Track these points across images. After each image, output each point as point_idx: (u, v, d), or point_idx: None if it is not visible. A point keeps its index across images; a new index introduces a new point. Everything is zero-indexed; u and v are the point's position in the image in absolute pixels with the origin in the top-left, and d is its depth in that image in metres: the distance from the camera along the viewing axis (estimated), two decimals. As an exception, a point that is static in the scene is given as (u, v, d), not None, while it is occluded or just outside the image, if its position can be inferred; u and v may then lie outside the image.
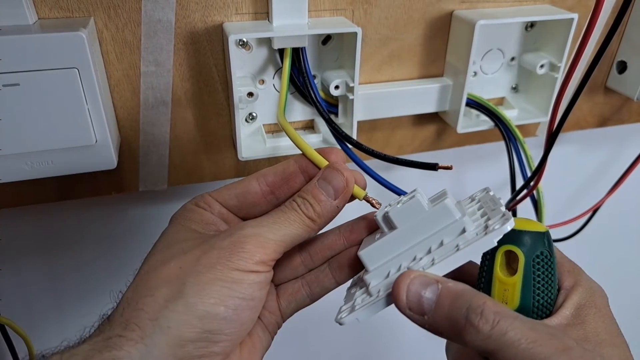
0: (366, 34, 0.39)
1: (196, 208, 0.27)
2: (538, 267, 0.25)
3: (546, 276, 0.25)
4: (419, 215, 0.26)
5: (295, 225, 0.25)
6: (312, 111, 0.42)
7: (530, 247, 0.25)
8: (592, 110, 0.52)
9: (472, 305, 0.22)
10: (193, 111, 0.39)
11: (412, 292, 0.23)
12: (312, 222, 0.26)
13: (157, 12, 0.34)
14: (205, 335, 0.22)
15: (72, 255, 0.46)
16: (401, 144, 0.47)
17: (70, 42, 0.30)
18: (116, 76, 0.36)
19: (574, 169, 0.62)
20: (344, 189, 0.26)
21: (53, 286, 0.47)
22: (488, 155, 0.55)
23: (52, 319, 0.48)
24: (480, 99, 0.44)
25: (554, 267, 0.26)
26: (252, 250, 0.23)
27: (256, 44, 0.37)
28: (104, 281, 0.46)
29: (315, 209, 0.26)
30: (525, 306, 0.25)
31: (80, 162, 0.34)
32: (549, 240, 0.26)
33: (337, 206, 0.26)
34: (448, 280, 0.24)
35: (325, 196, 0.26)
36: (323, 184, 0.26)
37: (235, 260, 0.23)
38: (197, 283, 0.22)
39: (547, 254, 0.25)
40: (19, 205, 0.39)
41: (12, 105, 0.31)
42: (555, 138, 0.39)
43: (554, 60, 0.43)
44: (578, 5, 0.44)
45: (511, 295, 0.25)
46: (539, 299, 0.25)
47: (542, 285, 0.25)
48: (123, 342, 0.21)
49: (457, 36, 0.41)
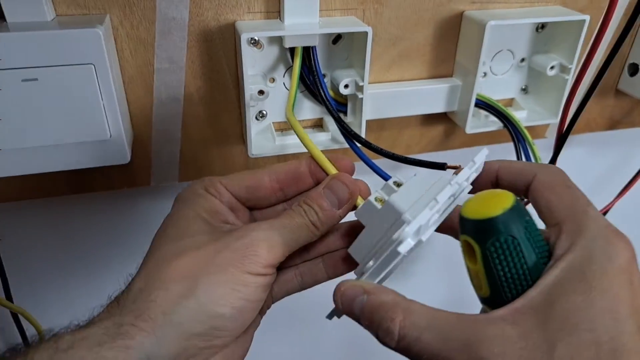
0: (376, 33, 0.40)
1: (205, 194, 0.28)
2: (495, 254, 0.23)
3: (510, 261, 0.23)
4: (375, 213, 0.27)
5: (301, 231, 0.27)
6: (321, 110, 0.42)
7: (482, 235, 0.23)
8: (602, 112, 0.51)
9: (383, 321, 0.23)
10: (204, 108, 0.39)
11: (344, 303, 0.25)
12: (315, 229, 0.27)
13: (171, 10, 0.35)
14: (211, 331, 0.24)
15: (84, 247, 0.47)
16: (409, 143, 0.47)
17: (87, 38, 0.31)
18: (130, 73, 0.36)
19: (583, 171, 0.61)
20: (347, 200, 0.28)
21: (64, 278, 0.48)
22: (496, 157, 0.54)
23: (63, 309, 0.49)
24: (490, 99, 0.44)
25: (520, 249, 0.23)
26: (263, 254, 0.25)
27: (267, 42, 0.38)
28: (114, 274, 0.47)
29: (320, 216, 0.27)
30: (496, 293, 0.23)
31: (94, 156, 0.35)
32: (512, 219, 0.23)
33: (339, 215, 0.28)
34: (377, 289, 0.24)
35: (329, 205, 0.27)
36: (328, 194, 0.27)
37: (247, 264, 0.24)
38: (209, 283, 0.24)
39: (505, 239, 0.23)
40: (34, 198, 0.40)
41: (30, 100, 0.32)
42: (565, 140, 0.39)
43: (565, 62, 0.43)
44: (590, 7, 0.44)
45: (481, 283, 0.24)
46: (506, 285, 0.23)
47: (508, 271, 0.23)
48: (135, 331, 0.22)
49: (468, 37, 0.41)
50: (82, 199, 0.43)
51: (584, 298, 0.20)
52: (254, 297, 0.25)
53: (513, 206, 0.23)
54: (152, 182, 0.41)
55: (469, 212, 0.24)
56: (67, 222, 0.46)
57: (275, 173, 0.29)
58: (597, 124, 0.52)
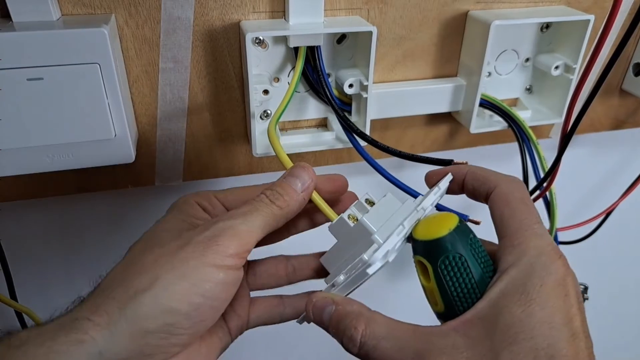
0: (381, 33, 0.40)
1: (197, 206, 0.29)
2: (446, 271, 0.25)
3: (459, 276, 0.25)
4: (347, 230, 0.28)
5: (265, 215, 0.26)
6: (326, 109, 0.42)
7: (433, 255, 0.25)
8: (606, 112, 0.51)
9: (347, 329, 0.25)
10: (209, 108, 0.39)
11: (315, 312, 0.26)
12: (280, 210, 0.27)
13: (176, 9, 0.35)
14: (166, 328, 0.23)
15: (89, 246, 0.47)
16: (413, 143, 0.47)
17: (92, 38, 0.31)
18: (135, 72, 0.36)
19: (587, 171, 0.61)
20: (308, 183, 0.28)
21: (69, 276, 0.48)
22: (500, 156, 0.55)
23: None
24: (494, 99, 0.44)
25: (467, 265, 0.25)
26: (225, 243, 0.24)
27: (272, 42, 0.38)
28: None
29: (284, 197, 0.27)
30: (449, 307, 0.25)
31: (99, 155, 0.35)
32: (458, 238, 0.25)
33: (303, 198, 0.28)
34: (345, 300, 0.26)
35: (292, 188, 0.28)
36: (290, 179, 0.28)
37: (210, 255, 0.24)
38: (168, 278, 0.23)
39: (453, 256, 0.25)
40: (39, 197, 0.40)
41: (36, 99, 0.32)
42: (569, 139, 0.39)
43: (569, 62, 0.43)
44: (594, 7, 0.44)
45: (435, 299, 0.26)
46: (457, 300, 0.25)
47: (458, 286, 0.25)
48: (90, 325, 0.22)
49: (472, 36, 0.41)
50: (86, 198, 0.43)
51: (524, 309, 0.22)
52: (213, 295, 0.24)
53: (457, 226, 0.25)
54: (156, 181, 0.41)
55: (420, 234, 0.26)
56: (71, 221, 0.46)
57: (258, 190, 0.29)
58: (602, 124, 0.52)
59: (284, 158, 0.30)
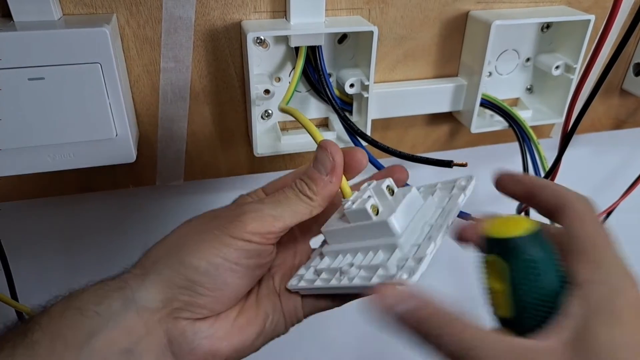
0: (382, 33, 0.40)
1: (247, 197, 0.31)
2: (525, 274, 0.23)
3: (538, 282, 0.23)
4: (366, 221, 0.27)
5: (294, 203, 0.27)
6: (327, 109, 0.42)
7: (514, 254, 0.23)
8: (607, 112, 0.51)
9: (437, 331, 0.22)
10: (210, 107, 0.39)
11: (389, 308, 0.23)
12: (309, 200, 0.28)
13: (177, 9, 0.35)
14: (190, 285, 0.25)
15: (90, 246, 0.47)
16: (414, 143, 0.47)
17: (93, 37, 0.31)
18: (136, 72, 0.36)
19: (587, 171, 0.61)
20: (332, 164, 0.28)
21: (71, 275, 0.48)
22: (501, 156, 0.55)
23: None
24: (495, 99, 0.44)
25: (548, 271, 0.23)
26: (246, 221, 0.26)
27: (273, 42, 0.38)
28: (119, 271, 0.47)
29: (311, 186, 0.28)
30: (520, 313, 0.23)
31: (100, 155, 0.35)
32: (542, 240, 0.24)
33: (330, 182, 0.28)
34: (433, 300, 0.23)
35: (319, 174, 0.28)
36: (316, 164, 0.28)
37: (231, 228, 0.26)
38: (194, 241, 0.26)
39: (535, 259, 0.23)
40: (40, 197, 0.40)
41: (37, 99, 0.32)
42: (569, 139, 0.39)
43: (570, 62, 0.43)
44: (595, 7, 0.44)
45: (504, 303, 0.24)
46: (531, 306, 0.23)
47: (535, 291, 0.23)
48: (129, 276, 0.26)
49: (473, 36, 0.41)
50: (87, 197, 0.43)
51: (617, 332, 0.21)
52: (233, 258, 0.26)
53: (540, 229, 0.24)
54: (157, 181, 0.41)
55: (498, 231, 0.24)
56: (72, 221, 0.46)
57: (298, 174, 0.30)
58: (602, 124, 0.52)
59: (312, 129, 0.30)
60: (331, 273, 0.28)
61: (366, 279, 0.26)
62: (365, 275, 0.26)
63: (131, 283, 0.25)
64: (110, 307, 0.24)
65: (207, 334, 0.26)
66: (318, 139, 0.29)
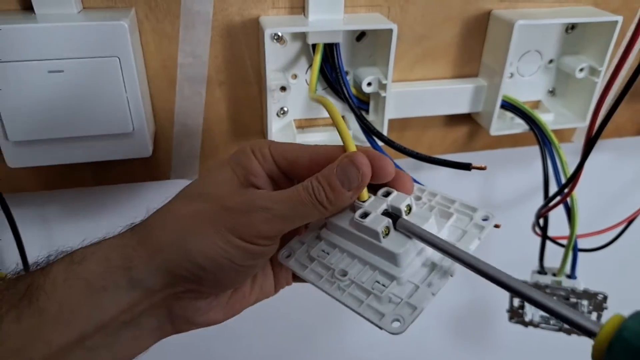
0: (401, 31, 0.39)
1: (251, 154, 0.28)
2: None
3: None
4: (374, 240, 0.26)
5: (306, 208, 0.26)
6: (343, 107, 0.42)
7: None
8: (632, 117, 0.50)
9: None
10: (226, 104, 0.39)
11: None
12: (323, 208, 0.26)
13: (195, 4, 0.35)
14: (194, 277, 0.25)
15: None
16: (431, 144, 0.46)
17: (112, 31, 0.31)
18: (154, 66, 0.36)
19: (610, 177, 0.60)
20: (359, 185, 0.26)
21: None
22: (521, 160, 0.53)
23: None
24: (516, 101, 0.43)
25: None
26: (256, 224, 0.25)
27: (291, 38, 0.37)
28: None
29: (329, 196, 0.26)
30: None
31: (116, 148, 0.36)
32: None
33: (350, 197, 0.27)
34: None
35: (340, 185, 0.26)
36: (340, 174, 0.26)
37: (239, 228, 0.25)
38: (200, 237, 0.25)
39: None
40: (57, 189, 0.40)
41: (56, 91, 0.32)
42: (593, 144, 0.38)
43: (595, 64, 0.42)
44: (623, 8, 0.42)
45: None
46: None
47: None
48: (135, 255, 0.25)
49: (495, 36, 0.40)
50: (103, 190, 0.44)
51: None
52: (239, 260, 0.25)
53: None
54: (171, 176, 0.42)
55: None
56: (88, 213, 0.46)
57: (317, 154, 0.28)
58: (627, 129, 0.51)
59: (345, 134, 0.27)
60: (323, 269, 0.28)
61: (356, 302, 0.26)
62: (357, 296, 0.26)
63: (137, 264, 0.25)
64: (117, 284, 0.25)
65: (206, 310, 0.28)
66: (350, 148, 0.27)
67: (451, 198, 0.29)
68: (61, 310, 0.24)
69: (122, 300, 0.25)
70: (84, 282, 0.24)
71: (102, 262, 0.25)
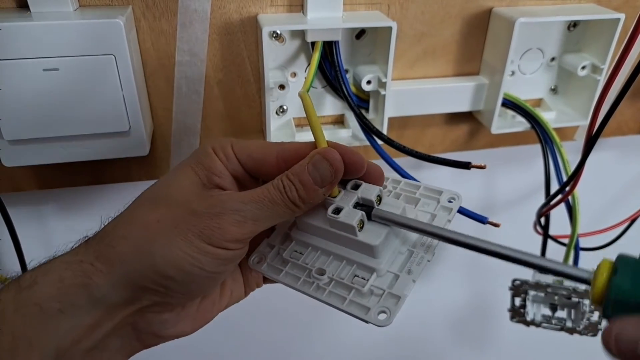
0: (401, 29, 0.39)
1: (212, 154, 0.27)
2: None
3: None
4: (350, 234, 0.26)
5: (278, 207, 0.25)
6: (343, 106, 0.41)
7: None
8: (634, 115, 0.49)
9: None
10: (224, 102, 0.39)
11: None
12: (294, 207, 0.25)
13: (193, 2, 0.34)
14: (161, 289, 0.24)
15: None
16: (432, 142, 0.46)
17: (108, 29, 0.31)
18: (151, 64, 0.36)
19: (612, 176, 0.59)
20: (331, 181, 0.26)
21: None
22: (522, 158, 0.53)
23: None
24: (517, 99, 0.43)
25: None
26: (227, 228, 0.24)
27: (289, 36, 0.37)
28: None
29: (301, 194, 0.25)
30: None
31: (113, 147, 0.35)
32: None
33: (322, 194, 0.26)
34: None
35: (312, 182, 0.25)
36: (313, 170, 0.25)
37: (209, 234, 0.23)
38: (167, 245, 0.23)
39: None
40: (53, 188, 0.40)
41: (51, 90, 0.32)
42: (594, 143, 0.37)
43: (597, 62, 0.41)
44: (625, 6, 0.42)
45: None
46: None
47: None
48: (93, 271, 0.23)
49: (496, 34, 0.40)
50: (100, 189, 0.43)
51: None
52: (209, 267, 0.24)
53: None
54: (170, 175, 0.41)
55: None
56: (84, 213, 0.46)
57: (284, 151, 0.27)
58: (629, 127, 0.50)
59: (317, 130, 0.26)
60: (299, 270, 0.27)
61: (340, 300, 0.25)
62: (339, 294, 0.25)
63: (96, 280, 0.23)
64: (74, 305, 0.23)
65: (174, 322, 0.26)
66: (321, 143, 0.26)
67: (415, 184, 0.30)
68: (15, 343, 0.22)
69: (82, 322, 0.23)
70: (37, 308, 0.22)
71: (55, 283, 0.23)
